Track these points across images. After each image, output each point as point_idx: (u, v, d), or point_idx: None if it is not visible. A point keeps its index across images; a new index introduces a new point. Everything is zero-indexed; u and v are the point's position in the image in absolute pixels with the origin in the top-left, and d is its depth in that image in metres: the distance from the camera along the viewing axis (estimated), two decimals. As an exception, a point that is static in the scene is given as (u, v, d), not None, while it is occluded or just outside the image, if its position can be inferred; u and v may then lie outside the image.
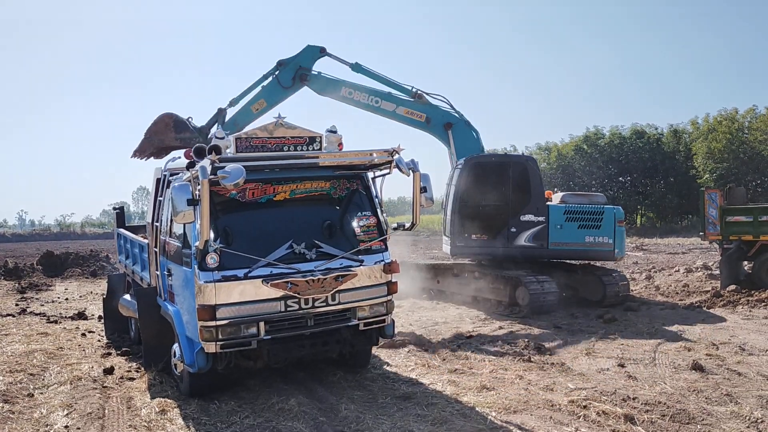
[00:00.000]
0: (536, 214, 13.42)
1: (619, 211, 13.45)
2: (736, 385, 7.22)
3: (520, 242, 13.57)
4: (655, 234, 41.73)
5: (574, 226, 13.17)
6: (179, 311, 7.31)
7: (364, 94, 14.01)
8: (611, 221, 13.04)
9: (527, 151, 57.11)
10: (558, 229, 13.27)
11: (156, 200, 8.70)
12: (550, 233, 13.29)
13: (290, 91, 14.26)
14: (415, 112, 13.92)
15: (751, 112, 44.81)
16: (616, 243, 13.06)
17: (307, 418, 6.42)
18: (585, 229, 13.09)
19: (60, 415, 6.69)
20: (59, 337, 10.93)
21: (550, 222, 13.30)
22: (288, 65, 14.13)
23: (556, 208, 13.38)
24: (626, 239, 16.26)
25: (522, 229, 13.56)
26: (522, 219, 13.53)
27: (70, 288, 20.01)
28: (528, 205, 13.50)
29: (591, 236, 13.07)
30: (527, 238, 13.54)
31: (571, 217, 13.23)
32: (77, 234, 71.37)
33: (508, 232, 13.65)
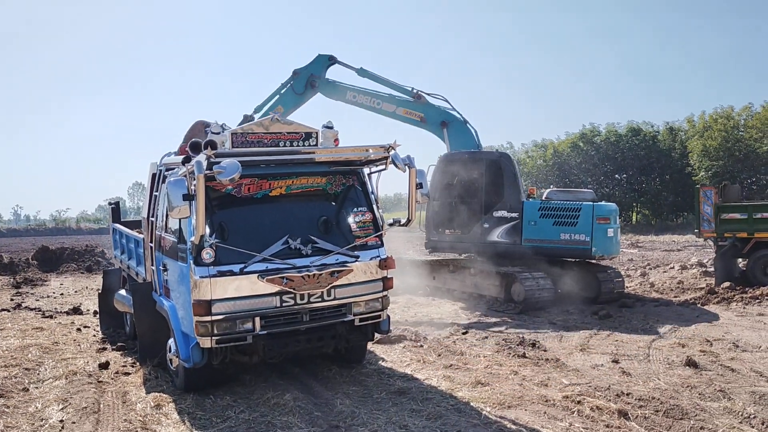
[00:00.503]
0: (509, 210, 13.51)
1: (600, 207, 12.95)
2: (729, 381, 7.25)
3: (492, 238, 13.70)
4: (650, 231, 41.85)
5: (549, 222, 13.03)
6: (175, 306, 7.30)
7: (366, 96, 15.00)
8: (589, 218, 12.64)
9: (524, 148, 57.24)
10: (532, 225, 13.24)
11: (152, 195, 8.69)
12: (524, 229, 13.30)
13: (303, 97, 15.60)
14: (412, 112, 14.57)
15: (746, 110, 44.92)
16: (594, 240, 12.58)
17: (302, 412, 6.43)
18: (560, 226, 12.90)
19: (55, 409, 6.69)
20: (54, 332, 10.92)
21: (524, 218, 13.32)
22: (301, 74, 15.43)
23: (531, 204, 13.36)
24: (621, 236, 16.13)
25: (494, 225, 13.71)
26: (495, 215, 13.69)
27: (65, 283, 19.98)
28: (501, 202, 13.63)
29: (567, 233, 12.82)
30: (500, 234, 13.64)
31: (546, 214, 13.12)
32: (73, 229, 71.31)
33: (481, 228, 13.81)
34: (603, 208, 12.99)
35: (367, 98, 15.04)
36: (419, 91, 14.69)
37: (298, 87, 15.52)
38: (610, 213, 12.98)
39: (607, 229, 12.72)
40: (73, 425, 6.25)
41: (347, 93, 15.15)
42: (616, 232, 13.10)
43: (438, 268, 14.91)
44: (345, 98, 15.22)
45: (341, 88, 15.26)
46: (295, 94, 15.56)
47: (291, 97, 15.56)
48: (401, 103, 14.78)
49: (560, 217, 12.94)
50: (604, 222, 12.71)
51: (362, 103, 15.06)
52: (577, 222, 12.73)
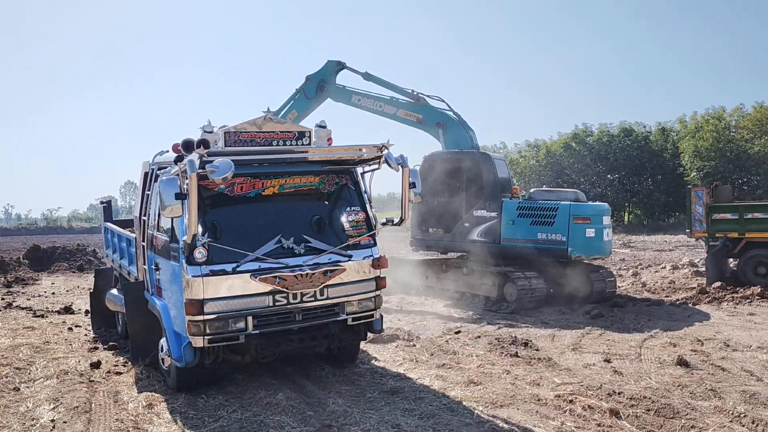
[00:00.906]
0: (488, 210, 13.60)
1: (578, 207, 12.75)
2: (720, 381, 7.29)
3: (472, 237, 13.83)
4: (642, 231, 42.01)
5: (527, 222, 13.04)
6: (167, 306, 7.28)
7: (369, 100, 15.60)
8: (565, 218, 12.56)
9: (517, 148, 57.33)
10: (510, 224, 13.29)
11: (144, 194, 8.66)
12: (503, 229, 13.36)
13: (315, 101, 16.19)
14: (411, 114, 15.00)
15: (738, 111, 45.14)
16: (570, 240, 12.48)
17: (294, 412, 6.43)
18: (537, 226, 12.89)
19: (46, 408, 6.66)
20: (45, 332, 10.87)
21: (502, 217, 13.38)
22: (312, 79, 16.07)
23: (509, 203, 13.41)
24: (613, 236, 16.11)
25: (474, 224, 13.83)
26: (475, 214, 13.82)
27: (56, 282, 19.90)
28: (480, 201, 13.73)
29: (543, 233, 12.79)
30: (479, 233, 13.75)
31: (524, 213, 13.14)
32: (64, 228, 70.91)
33: (462, 227, 13.94)
34: (581, 208, 12.82)
35: (370, 101, 15.57)
36: (419, 94, 15.04)
37: (310, 92, 16.13)
38: (589, 213, 12.80)
39: (585, 229, 12.55)
40: (64, 425, 6.23)
41: (352, 97, 15.76)
42: (600, 232, 12.78)
43: (431, 268, 14.93)
44: (350, 102, 15.82)
45: (347, 93, 15.87)
46: (307, 98, 16.18)
47: (303, 102, 16.19)
48: (401, 105, 15.20)
49: (537, 217, 12.95)
50: (582, 222, 12.56)
51: (366, 106, 15.61)
52: (553, 222, 12.70)
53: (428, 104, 15.00)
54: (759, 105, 44.10)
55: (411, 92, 15.17)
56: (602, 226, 12.89)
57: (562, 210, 12.66)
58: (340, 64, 16.10)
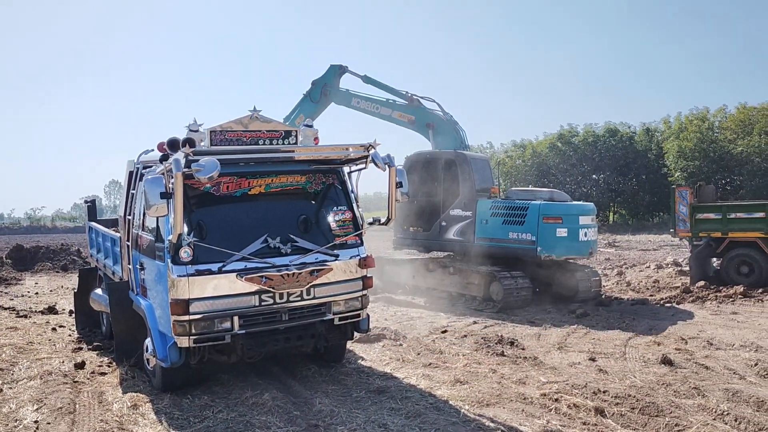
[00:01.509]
0: (464, 209, 13.74)
1: (548, 207, 12.65)
2: (703, 379, 7.36)
3: (449, 236, 14.01)
4: (626, 231, 42.34)
5: (499, 221, 13.13)
6: (152, 305, 7.23)
7: (367, 102, 16.22)
8: (535, 217, 12.54)
9: (502, 148, 57.55)
10: (484, 224, 13.39)
11: (129, 193, 8.60)
12: (477, 228, 13.48)
13: (320, 105, 16.85)
14: (404, 115, 15.52)
15: (721, 112, 45.61)
16: (539, 240, 12.45)
17: (281, 412, 6.41)
18: (509, 225, 12.96)
19: (30, 410, 6.59)
20: (29, 332, 10.76)
21: (477, 217, 13.49)
22: (317, 84, 16.75)
23: (483, 203, 13.51)
24: (599, 236, 16.16)
25: (451, 223, 13.99)
26: (451, 213, 13.97)
27: (40, 282, 19.72)
28: (457, 200, 13.85)
29: (514, 232, 12.85)
30: (455, 232, 13.91)
31: (497, 213, 13.23)
32: (48, 228, 70.28)
33: (439, 226, 14.13)
34: (551, 208, 12.74)
35: (368, 104, 16.14)
36: (413, 95, 15.48)
37: (315, 96, 16.84)
38: (561, 213, 12.71)
39: (556, 228, 12.49)
40: (48, 426, 6.17)
41: (352, 99, 16.39)
42: (574, 232, 12.63)
43: (417, 267, 14.94)
44: (350, 105, 16.45)
45: (348, 96, 16.49)
46: (313, 102, 16.85)
47: (309, 106, 16.87)
48: (396, 107, 15.69)
49: (509, 216, 13.03)
50: (552, 222, 12.52)
51: (364, 108, 16.18)
52: (524, 221, 12.74)
53: (421, 105, 15.39)
54: (742, 106, 44.63)
55: (405, 94, 15.59)
56: (578, 226, 12.72)
57: (531, 209, 12.71)
58: (342, 67, 16.68)
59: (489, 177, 14.53)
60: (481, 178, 14.06)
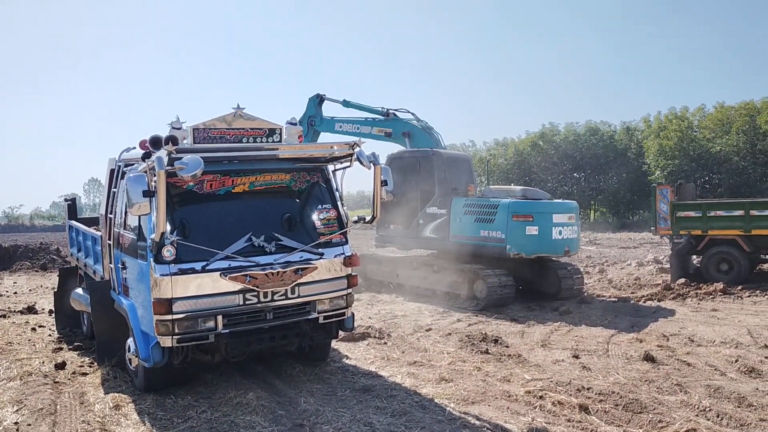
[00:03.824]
0: (439, 207, 13.90)
1: (517, 205, 12.61)
2: (685, 375, 7.44)
3: (426, 233, 14.18)
4: (607, 229, 42.72)
5: (471, 219, 13.23)
6: (134, 305, 7.15)
7: (348, 124, 16.94)
8: (505, 215, 12.57)
9: (485, 146, 57.83)
10: (458, 222, 13.51)
11: (110, 191, 8.50)
12: (451, 226, 13.62)
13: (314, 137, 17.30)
14: (382, 129, 16.14)
15: (700, 111, 46.21)
16: (509, 238, 12.45)
17: (265, 411, 6.37)
18: (480, 223, 13.05)
19: (9, 411, 6.49)
20: (8, 332, 10.61)
21: (451, 215, 13.63)
22: (303, 119, 17.33)
23: (458, 201, 13.63)
24: (581, 233, 16.27)
25: (428, 221, 14.14)
26: (428, 211, 14.14)
27: (19, 281, 19.46)
28: (433, 198, 14.03)
29: (485, 230, 12.93)
30: (431, 229, 14.08)
31: (469, 210, 13.33)
32: (26, 226, 69.48)
33: (417, 224, 14.30)
34: (521, 206, 12.71)
35: (349, 125, 16.76)
36: (388, 110, 16.09)
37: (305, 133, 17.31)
38: (531, 211, 12.65)
39: (526, 226, 12.47)
40: (29, 427, 6.08)
41: (335, 125, 17.02)
42: (547, 230, 12.54)
43: (402, 265, 14.96)
44: (335, 130, 17.05)
45: (331, 123, 17.16)
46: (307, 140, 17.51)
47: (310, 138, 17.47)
48: (374, 123, 16.27)
49: (480, 214, 13.12)
50: (522, 219, 12.50)
51: (347, 131, 16.71)
52: (494, 219, 12.82)
53: (396, 117, 15.98)
54: (720, 105, 45.32)
55: (382, 109, 16.19)
56: (551, 224, 12.66)
57: (501, 207, 12.77)
58: (320, 96, 17.30)
59: (468, 176, 14.61)
60: (458, 176, 14.18)
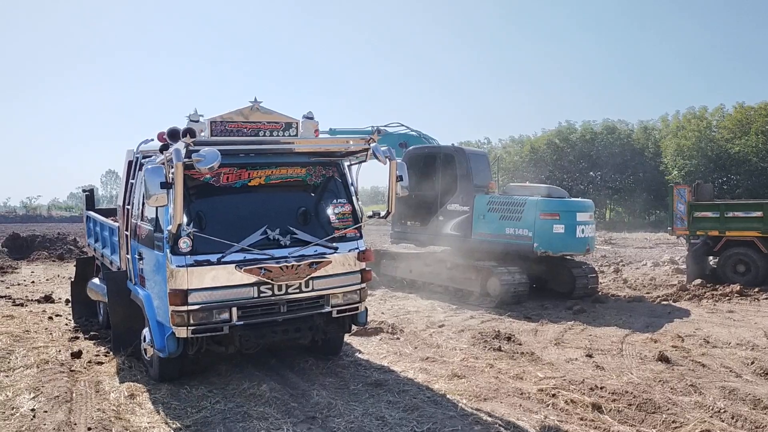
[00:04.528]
0: (461, 204, 13.73)
1: (545, 203, 12.55)
2: (700, 377, 7.38)
3: (446, 230, 13.99)
4: (623, 228, 42.43)
5: (496, 216, 13.08)
6: (150, 295, 7.22)
7: None
8: (532, 213, 12.45)
9: (501, 143, 57.58)
10: (481, 219, 13.35)
11: (128, 183, 8.56)
12: (474, 223, 13.46)
13: None
14: None
15: (719, 111, 45.71)
16: (536, 236, 12.37)
17: (278, 403, 6.41)
18: (506, 221, 12.89)
19: (26, 398, 6.58)
20: (25, 320, 10.74)
21: (474, 212, 13.47)
22: None
23: (481, 198, 13.47)
24: (596, 233, 16.09)
25: (448, 218, 13.96)
26: (449, 208, 13.96)
27: (36, 271, 19.67)
28: (454, 195, 13.85)
29: (511, 228, 12.80)
30: (452, 227, 13.88)
31: (494, 208, 13.19)
32: (44, 217, 70.28)
33: (437, 221, 14.11)
34: (549, 204, 12.66)
35: None
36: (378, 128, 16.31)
37: None
38: (558, 209, 12.63)
39: (553, 225, 12.41)
40: (45, 414, 6.16)
41: None
42: (571, 228, 12.53)
43: (415, 261, 14.95)
44: None
45: None
46: None
47: None
48: None
49: (506, 212, 12.97)
50: (549, 218, 12.44)
51: None
52: (521, 217, 12.69)
53: (388, 132, 15.79)
54: (739, 105, 44.77)
55: (372, 128, 16.12)
56: (575, 222, 12.66)
57: (529, 205, 12.65)
58: None
59: (487, 172, 14.51)
60: (479, 173, 14.03)
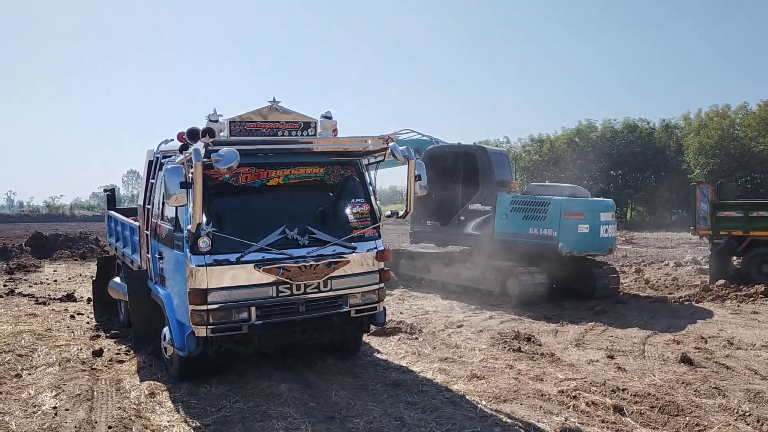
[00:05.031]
0: (483, 204, 13.61)
1: (569, 203, 12.48)
2: (724, 379, 7.27)
3: (467, 230, 13.89)
4: (644, 228, 41.96)
5: (519, 216, 12.95)
6: (170, 295, 7.26)
7: None
8: (557, 213, 12.32)
9: (520, 142, 57.24)
10: (504, 219, 13.22)
11: (148, 183, 8.62)
12: (496, 223, 13.33)
13: None
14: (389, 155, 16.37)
15: (742, 109, 45.04)
16: (561, 236, 12.25)
17: (297, 403, 6.40)
18: (529, 220, 12.75)
19: (48, 396, 6.65)
20: (48, 319, 10.87)
21: (496, 212, 13.34)
22: None
23: (504, 198, 13.35)
24: (617, 233, 15.91)
25: (470, 218, 13.85)
26: (470, 208, 13.86)
27: (58, 270, 19.91)
28: (476, 194, 13.75)
29: (535, 228, 12.65)
30: (474, 226, 13.78)
31: (517, 208, 13.05)
32: (66, 216, 71.17)
33: (458, 220, 14.01)
34: (573, 204, 12.56)
35: None
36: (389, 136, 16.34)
37: None
38: (582, 209, 12.53)
39: (578, 224, 12.30)
40: (66, 412, 6.21)
41: None
42: (596, 228, 12.46)
43: (433, 261, 14.91)
44: None
45: None
46: None
47: None
48: None
49: (530, 212, 12.83)
50: (574, 217, 12.32)
51: None
52: (545, 216, 12.54)
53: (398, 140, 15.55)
54: (764, 103, 44.02)
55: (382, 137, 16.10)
56: (599, 222, 12.57)
57: (553, 205, 12.52)
58: None
59: (508, 171, 14.39)
60: (501, 172, 13.91)
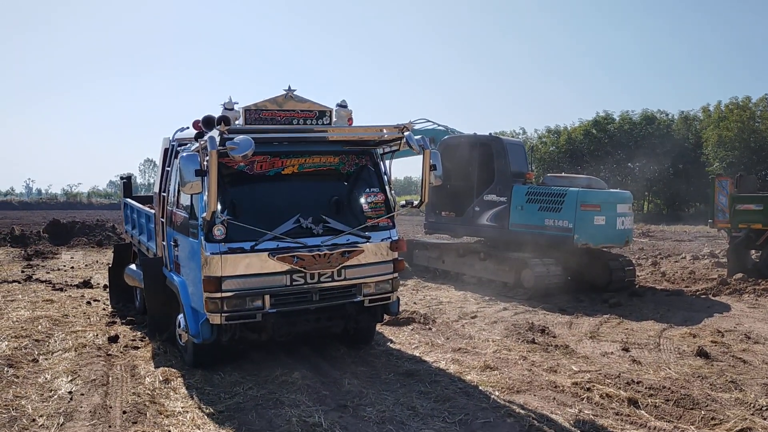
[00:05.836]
0: (498, 194, 13.52)
1: (586, 194, 12.36)
2: (741, 373, 7.19)
3: (482, 221, 13.83)
4: (661, 221, 41.56)
5: (535, 207, 12.83)
6: (185, 282, 7.29)
7: None
8: (573, 204, 12.19)
9: (537, 133, 56.85)
10: (519, 210, 13.12)
11: (164, 170, 8.65)
12: (511, 214, 13.24)
13: None
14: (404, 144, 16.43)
15: (763, 101, 44.33)
16: (576, 227, 12.12)
17: (310, 391, 6.42)
18: (545, 212, 12.62)
19: (64, 380, 6.72)
20: (64, 305, 10.98)
21: (512, 203, 13.24)
22: None
23: (519, 189, 13.23)
24: (634, 226, 15.77)
25: (485, 209, 13.78)
26: (485, 198, 13.78)
27: (75, 257, 20.09)
28: (491, 185, 13.66)
29: (550, 219, 12.53)
30: (489, 217, 13.71)
31: (533, 199, 12.93)
32: (84, 204, 71.73)
33: (473, 211, 13.93)
34: (590, 195, 12.44)
35: None
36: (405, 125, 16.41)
37: None
38: (599, 200, 12.41)
39: (594, 216, 12.18)
40: (81, 397, 6.27)
41: None
42: (612, 220, 12.38)
43: (448, 252, 14.87)
44: None
45: None
46: None
47: None
48: None
49: (545, 203, 12.71)
50: (591, 209, 12.20)
51: None
52: (561, 208, 12.42)
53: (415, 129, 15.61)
54: (785, 95, 43.28)
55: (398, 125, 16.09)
56: (615, 214, 12.48)
57: (569, 196, 12.39)
58: None
59: (524, 162, 14.28)
60: (516, 163, 13.81)
